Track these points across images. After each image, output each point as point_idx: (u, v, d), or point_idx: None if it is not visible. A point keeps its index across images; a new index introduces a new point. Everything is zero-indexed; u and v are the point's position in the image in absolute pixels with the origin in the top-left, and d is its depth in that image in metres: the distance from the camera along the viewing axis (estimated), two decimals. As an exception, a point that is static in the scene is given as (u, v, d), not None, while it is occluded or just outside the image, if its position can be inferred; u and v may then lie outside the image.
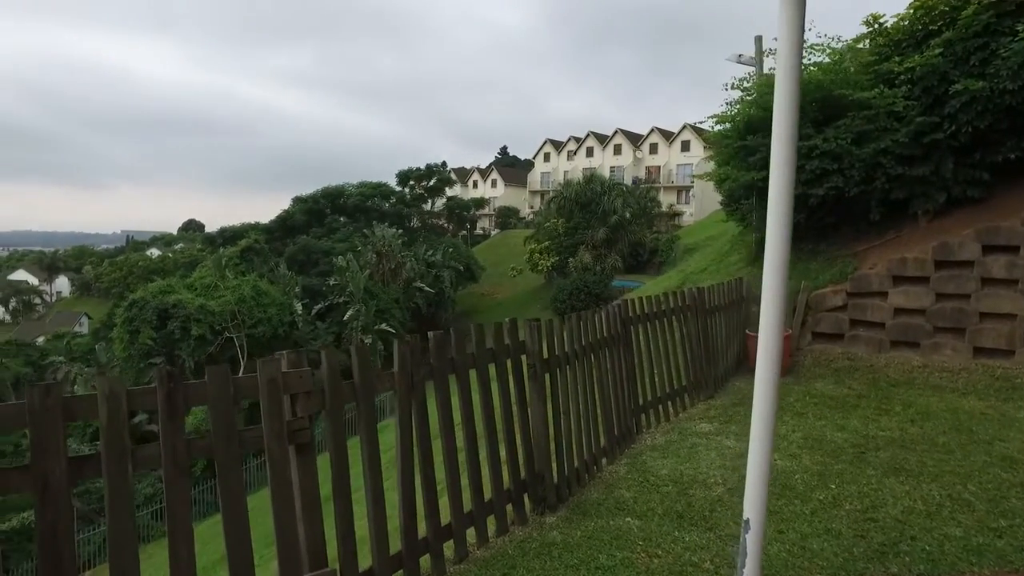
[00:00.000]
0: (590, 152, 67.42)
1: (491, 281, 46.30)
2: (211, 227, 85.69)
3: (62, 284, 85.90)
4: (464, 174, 78.74)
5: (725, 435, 5.87)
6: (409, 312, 35.52)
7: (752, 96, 9.94)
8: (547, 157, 72.75)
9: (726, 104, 10.60)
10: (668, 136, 63.13)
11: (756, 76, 11.51)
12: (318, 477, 2.69)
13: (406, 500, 3.11)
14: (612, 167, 62.52)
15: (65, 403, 2.12)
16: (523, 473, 4.03)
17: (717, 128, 10.66)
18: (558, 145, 71.71)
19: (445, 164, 66.52)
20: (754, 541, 2.71)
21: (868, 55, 8.87)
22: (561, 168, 68.71)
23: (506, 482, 3.91)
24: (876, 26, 9.33)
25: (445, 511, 3.49)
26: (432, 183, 58.92)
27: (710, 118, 10.83)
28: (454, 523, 3.45)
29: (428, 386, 3.40)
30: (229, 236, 49.26)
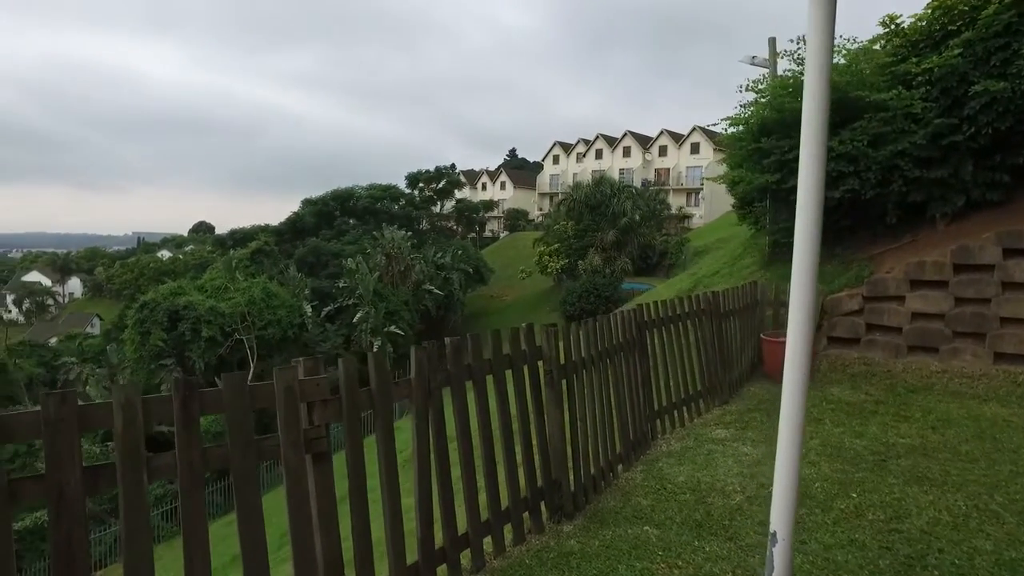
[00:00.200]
0: (599, 154, 67.32)
1: (500, 283, 46.27)
2: (221, 229, 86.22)
3: (74, 285, 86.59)
4: (473, 176, 78.82)
5: (742, 441, 5.78)
6: (418, 314, 35.56)
7: (766, 98, 9.84)
8: (556, 159, 72.70)
9: (740, 106, 10.51)
10: (678, 138, 62.94)
11: (770, 78, 11.41)
12: (335, 487, 2.64)
13: (423, 510, 3.05)
14: (621, 169, 62.40)
15: (81, 412, 2.08)
16: (540, 480, 3.96)
17: (730, 130, 10.57)
18: (567, 147, 71.63)
19: (454, 166, 66.66)
20: (782, 554, 2.62)
21: (885, 56, 8.75)
22: (570, 170, 68.63)
23: (523, 490, 3.85)
24: (893, 27, 9.21)
25: (460, 517, 3.44)
26: (441, 185, 59.06)
27: (723, 120, 10.75)
28: (471, 532, 3.39)
29: (443, 392, 3.35)
30: (239, 238, 49.57)
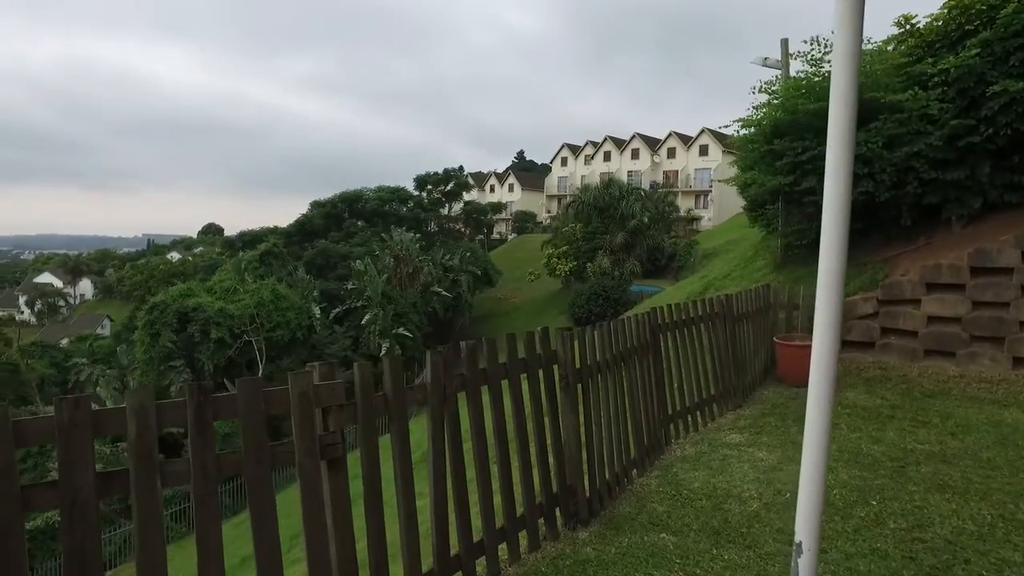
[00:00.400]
0: (607, 156, 67.21)
1: (508, 286, 46.22)
2: (230, 230, 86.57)
3: (85, 287, 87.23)
4: (481, 178, 78.84)
5: (756, 447, 5.70)
6: (426, 316, 35.57)
7: (779, 100, 9.75)
8: (564, 161, 72.62)
9: (752, 108, 10.42)
10: (686, 140, 62.74)
11: (782, 79, 11.32)
12: (350, 494, 2.59)
13: (438, 517, 3.00)
14: (630, 171, 62.28)
15: (94, 417, 2.04)
16: (555, 486, 3.91)
17: (742, 132, 10.48)
18: (575, 149, 71.53)
19: (462, 168, 66.63)
20: (807, 565, 2.55)
21: (900, 57, 8.65)
22: (578, 172, 68.54)
23: (538, 496, 3.79)
24: (908, 27, 9.11)
25: (475, 523, 3.39)
26: (450, 188, 59.11)
27: (735, 122, 10.66)
28: (486, 539, 3.34)
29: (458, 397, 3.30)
30: (248, 240, 49.77)
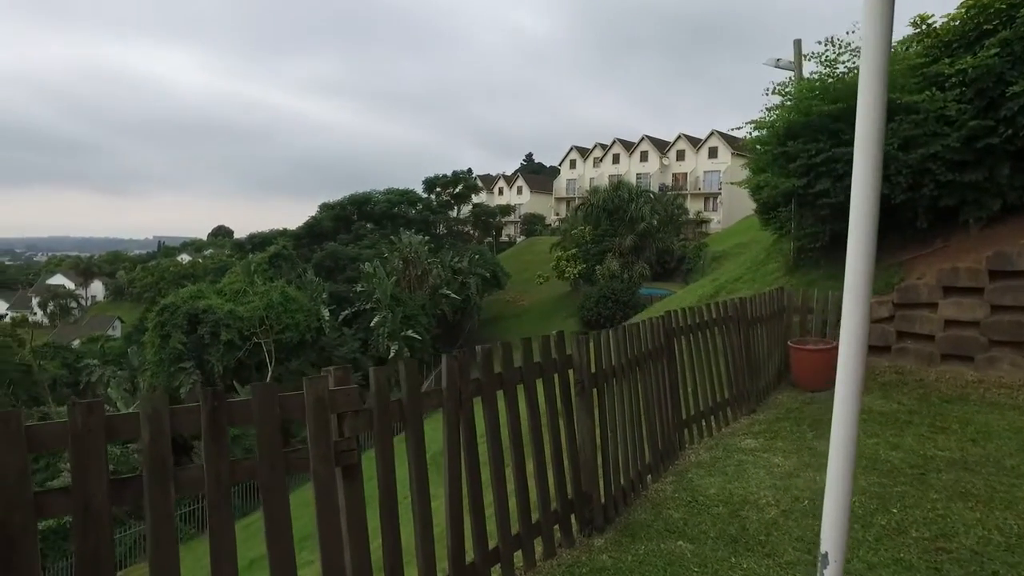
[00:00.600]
0: (616, 159, 67.07)
1: (517, 288, 46.14)
2: (240, 233, 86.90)
3: (97, 288, 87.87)
4: (490, 181, 78.88)
5: (772, 452, 5.62)
6: (435, 319, 35.55)
7: (792, 101, 9.66)
8: (573, 164, 72.54)
9: (765, 109, 10.34)
10: (695, 143, 62.52)
11: (796, 80, 11.22)
12: (365, 501, 2.55)
13: (454, 524, 2.95)
14: (639, 174, 62.10)
15: (108, 423, 2.01)
16: (570, 492, 3.85)
17: (755, 134, 10.40)
18: (584, 152, 71.44)
19: (471, 171, 66.72)
20: (833, 578, 2.49)
21: (915, 57, 8.55)
22: (587, 175, 68.43)
23: (553, 502, 3.74)
24: (924, 27, 9.00)
25: (490, 530, 3.33)
26: (458, 190, 59.09)
27: (748, 124, 10.58)
28: (502, 546, 3.29)
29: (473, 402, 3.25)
30: (258, 242, 49.99)
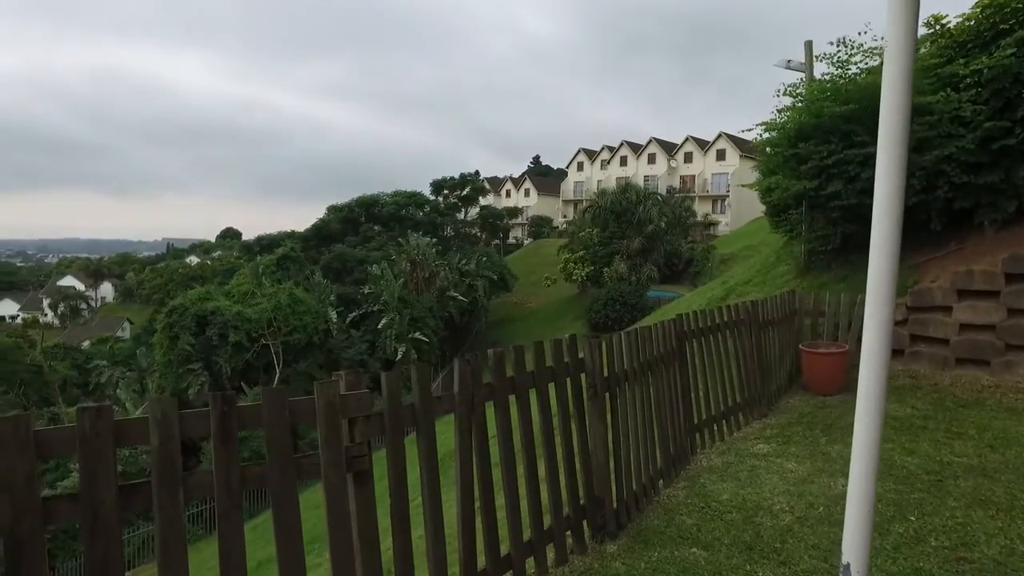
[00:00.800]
0: (624, 161, 66.94)
1: (524, 290, 46.11)
2: (248, 235, 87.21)
3: (106, 290, 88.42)
4: (497, 183, 78.91)
5: (785, 457, 5.55)
6: (442, 321, 35.55)
7: (803, 103, 9.58)
8: (580, 166, 72.46)
9: (775, 111, 10.26)
10: (703, 145, 62.31)
11: (807, 82, 11.13)
12: (376, 507, 2.50)
13: (466, 531, 2.91)
14: (646, 176, 61.95)
15: (116, 427, 1.98)
16: (583, 498, 3.80)
17: (765, 136, 10.32)
18: (591, 154, 71.34)
19: (478, 173, 66.71)
20: (855, 589, 2.43)
21: (929, 58, 8.45)
22: (594, 177, 68.32)
23: (565, 507, 3.68)
24: (938, 27, 8.90)
25: (502, 535, 3.28)
26: (466, 192, 59.16)
27: (758, 125, 10.50)
28: (514, 553, 3.24)
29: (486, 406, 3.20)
30: (266, 244, 50.14)
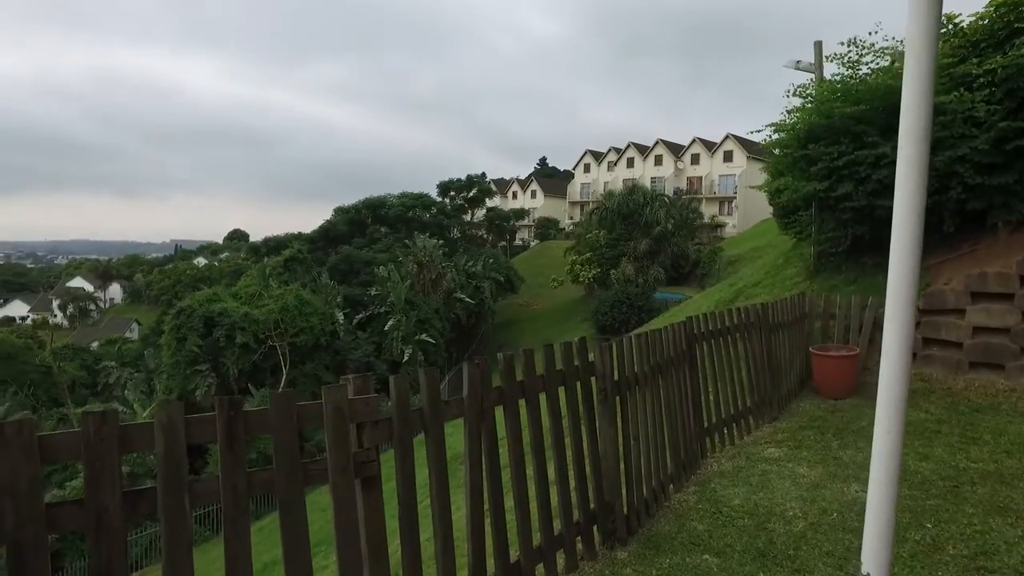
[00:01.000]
0: (630, 163, 66.82)
1: (530, 292, 46.05)
2: (255, 236, 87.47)
3: (115, 291, 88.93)
4: (504, 185, 78.92)
5: (796, 462, 5.47)
6: (449, 322, 35.53)
7: (813, 103, 9.50)
8: (587, 168, 72.37)
9: (785, 112, 10.17)
10: (710, 146, 62.13)
11: (816, 82, 11.04)
12: (384, 513, 2.46)
13: (475, 539, 2.86)
14: (653, 178, 61.81)
15: (121, 433, 1.94)
16: (593, 503, 3.74)
17: (774, 137, 10.23)
18: (598, 156, 71.25)
19: (485, 175, 66.81)
20: (875, 600, 2.37)
21: (942, 58, 8.36)
22: (601, 179, 68.23)
23: (575, 513, 3.63)
24: (950, 27, 8.81)
25: (512, 540, 3.23)
26: (472, 194, 59.19)
27: (767, 127, 10.41)
28: (523, 560, 3.19)
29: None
30: (273, 246, 50.26)
